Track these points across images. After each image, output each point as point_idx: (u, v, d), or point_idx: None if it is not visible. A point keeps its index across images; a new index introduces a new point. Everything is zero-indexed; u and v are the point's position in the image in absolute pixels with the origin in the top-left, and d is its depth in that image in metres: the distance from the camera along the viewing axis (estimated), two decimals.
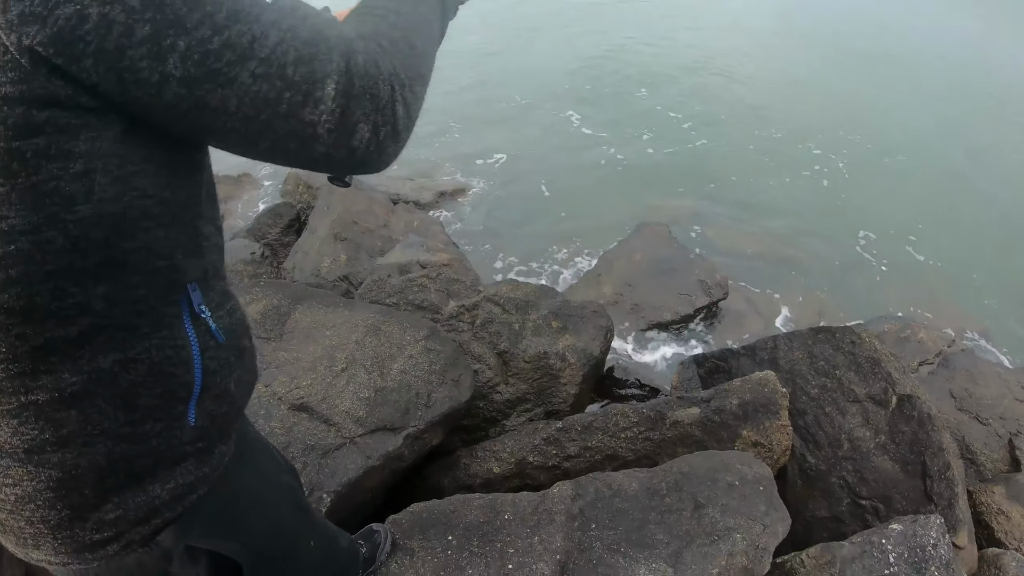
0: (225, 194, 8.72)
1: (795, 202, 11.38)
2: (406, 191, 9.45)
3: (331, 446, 3.93)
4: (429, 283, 5.50)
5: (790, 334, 5.31)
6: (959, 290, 9.49)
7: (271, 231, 7.37)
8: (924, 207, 11.53)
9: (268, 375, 4.23)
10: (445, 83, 16.54)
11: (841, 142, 13.79)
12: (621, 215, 10.33)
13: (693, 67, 17.94)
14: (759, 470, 3.88)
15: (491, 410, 5.25)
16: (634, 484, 3.79)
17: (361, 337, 4.58)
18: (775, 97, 16.15)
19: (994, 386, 5.85)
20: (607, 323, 5.56)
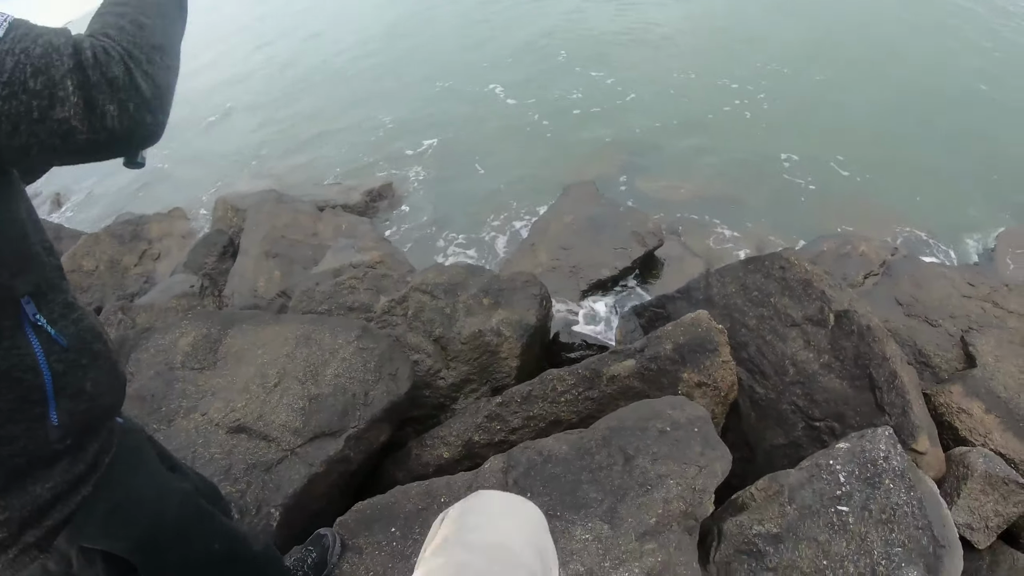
0: (160, 232, 8.46)
1: (719, 139, 11.03)
2: (332, 195, 9.21)
3: (272, 461, 3.79)
4: (358, 284, 5.25)
5: (721, 269, 5.06)
6: (890, 198, 9.18)
7: (207, 261, 7.12)
8: (844, 125, 11.18)
9: (204, 403, 4.05)
10: (362, 75, 16.27)
11: (760, 73, 13.43)
12: (553, 178, 10.09)
13: (609, 23, 17.43)
14: (692, 411, 3.61)
15: (438, 396, 5.02)
16: (564, 447, 3.54)
17: (292, 350, 4.42)
18: (693, 42, 15.68)
19: (940, 287, 5.57)
20: (540, 290, 5.31)
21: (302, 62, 18.63)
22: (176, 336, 4.49)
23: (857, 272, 6.36)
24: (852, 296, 4.67)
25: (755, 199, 9.18)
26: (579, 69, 14.53)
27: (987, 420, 4.55)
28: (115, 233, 8.10)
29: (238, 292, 6.38)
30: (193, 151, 14.44)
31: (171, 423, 3.92)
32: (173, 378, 4.19)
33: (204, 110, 16.86)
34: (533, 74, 14.72)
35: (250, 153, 13.57)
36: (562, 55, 15.47)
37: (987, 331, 5.02)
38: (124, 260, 7.79)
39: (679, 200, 8.92)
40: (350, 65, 17.42)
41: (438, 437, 4.51)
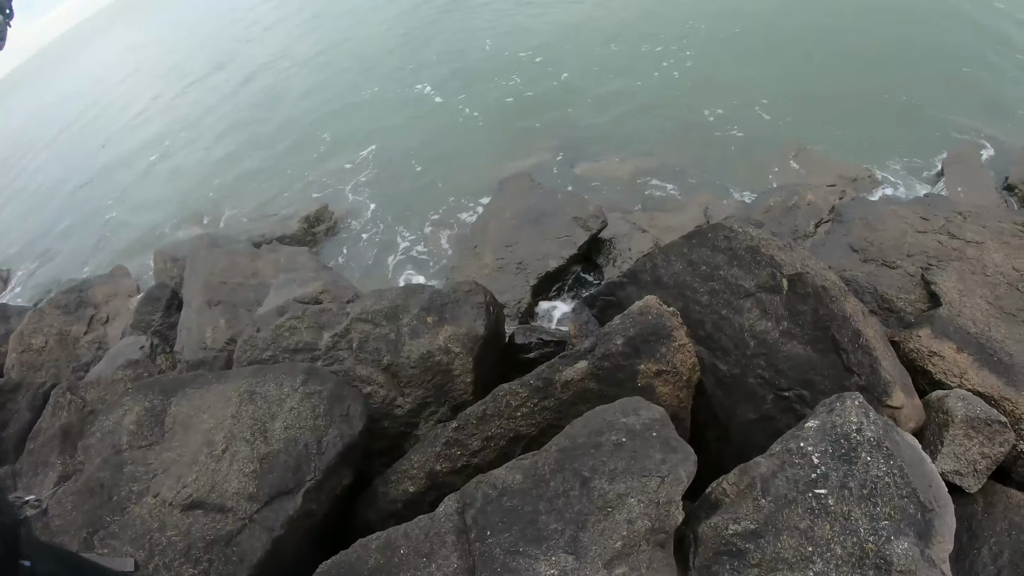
0: (105, 294, 7.98)
1: (650, 106, 10.62)
2: (269, 228, 8.76)
3: (231, 532, 3.51)
4: (298, 323, 4.84)
5: (665, 248, 4.67)
6: (822, 139, 8.77)
7: (153, 318, 6.69)
8: (766, 73, 10.78)
9: (156, 483, 3.73)
10: (289, 96, 15.71)
11: (681, 33, 12.97)
12: (490, 168, 9.70)
13: (527, 6, 16.88)
14: (648, 414, 3.24)
15: (398, 426, 4.66)
16: (518, 476, 3.17)
17: (237, 409, 4.07)
18: (614, 10, 15.16)
19: (893, 226, 5.19)
20: (485, 297, 4.93)
21: (230, 93, 17.98)
22: (120, 415, 4.12)
23: (807, 222, 6.00)
24: (804, 255, 4.28)
25: (694, 162, 8.78)
26: (506, 54, 14.02)
27: (960, 360, 4.20)
28: (60, 304, 7.63)
29: (187, 347, 5.97)
30: (139, 198, 13.90)
31: (124, 511, 3.61)
32: (121, 462, 3.85)
33: (144, 152, 16.28)
34: (459, 68, 14.17)
35: (190, 194, 13.09)
36: (487, 45, 14.92)
37: (947, 265, 4.66)
38: (73, 330, 7.33)
39: (619, 176, 8.49)
40: (277, 88, 16.87)
41: (401, 471, 4.15)
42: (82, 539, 3.53)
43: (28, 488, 3.90)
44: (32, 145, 20.52)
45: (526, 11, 16.24)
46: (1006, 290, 4.48)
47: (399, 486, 4.10)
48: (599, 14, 14.85)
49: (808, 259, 4.27)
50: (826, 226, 5.88)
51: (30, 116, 23.93)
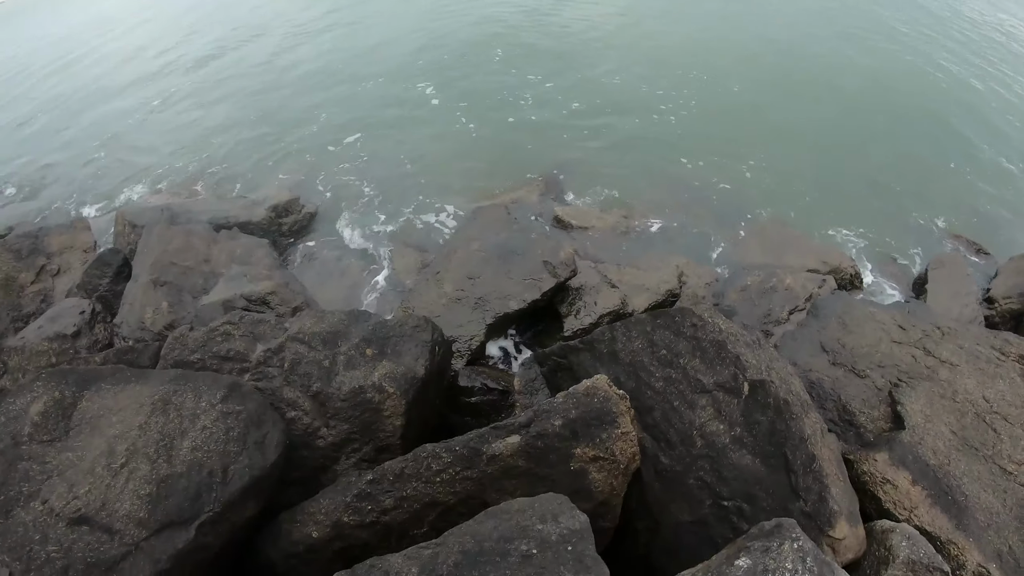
0: (61, 245, 7.36)
1: (646, 152, 10.02)
2: (236, 211, 8.06)
3: (115, 558, 3.13)
4: (233, 330, 4.32)
5: (628, 322, 4.18)
6: (812, 220, 8.27)
7: (101, 282, 6.15)
8: (762, 140, 10.18)
9: (48, 487, 3.31)
10: (293, 74, 15.00)
11: (684, 81, 12.35)
12: (474, 184, 9.23)
13: (551, 25, 16.11)
14: (568, 523, 2.77)
15: (317, 458, 4.16)
16: (414, 569, 2.72)
17: (147, 419, 3.61)
18: (627, 44, 14.49)
19: (869, 331, 4.76)
20: (432, 336, 4.46)
21: (238, 59, 17.16)
22: (28, 401, 3.65)
23: (782, 308, 5.54)
24: (772, 357, 3.83)
25: (677, 217, 8.27)
26: (514, 71, 13.41)
27: (913, 493, 3.77)
28: (12, 247, 7.02)
29: (127, 322, 5.45)
30: (124, 149, 13.17)
31: (9, 514, 3.19)
32: (18, 456, 3.41)
33: (141, 99, 15.50)
34: (465, 75, 13.56)
35: (170, 156, 12.35)
36: (498, 57, 14.31)
37: (917, 385, 4.22)
38: (20, 278, 6.74)
39: (600, 222, 7.91)
40: (282, 60, 16.09)
41: (308, 513, 3.68)
42: None
43: None
44: (27, 75, 19.51)
45: (546, 30, 15.59)
46: (972, 420, 4.05)
47: (304, 528, 3.64)
48: (614, 46, 14.24)
49: (775, 362, 3.82)
50: (800, 315, 5.43)
51: (29, 45, 22.59)
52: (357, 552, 3.53)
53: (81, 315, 5.35)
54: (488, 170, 9.78)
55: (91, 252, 7.11)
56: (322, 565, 3.58)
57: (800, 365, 4.52)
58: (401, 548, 3.26)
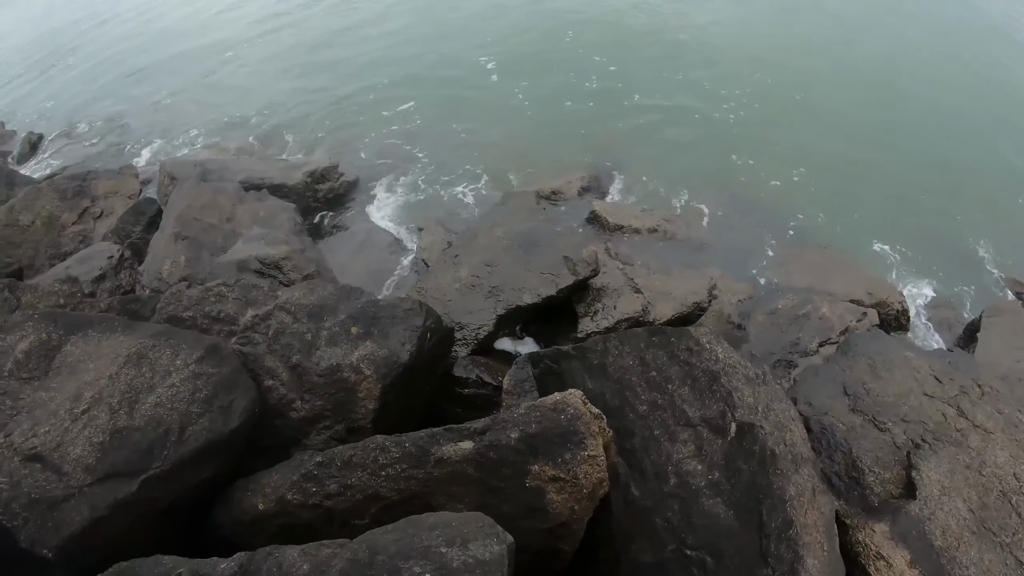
0: (106, 189, 7.47)
1: (699, 155, 9.34)
2: (273, 173, 7.98)
3: (57, 498, 3.13)
4: (227, 292, 4.20)
5: (623, 335, 3.78)
6: (863, 246, 7.45)
7: (134, 229, 6.21)
8: (820, 153, 9.29)
9: (14, 422, 3.34)
10: (357, 38, 14.76)
11: (750, 83, 11.45)
12: (519, 165, 8.92)
13: (619, 14, 15.13)
14: (481, 552, 2.43)
15: (289, 429, 4.00)
16: (305, 566, 2.52)
17: (119, 370, 3.57)
18: (704, 43, 13.44)
19: (900, 378, 4.15)
20: (424, 322, 4.20)
21: (307, 21, 16.98)
22: (16, 339, 3.67)
23: (812, 338, 4.95)
24: (772, 397, 3.35)
25: (721, 232, 7.63)
26: (581, 52, 12.70)
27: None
28: (59, 188, 7.19)
29: (148, 271, 5.48)
30: (186, 98, 13.35)
31: None
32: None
33: (210, 54, 15.59)
34: (530, 53, 13.02)
35: (227, 112, 12.44)
36: (568, 37, 13.62)
37: (941, 449, 3.64)
38: (63, 217, 6.90)
39: (638, 223, 7.33)
40: (351, 27, 15.82)
41: (260, 484, 3.52)
42: None
43: None
44: (97, 18, 19.90)
45: (617, 18, 14.74)
46: (996, 500, 3.46)
47: (252, 499, 3.48)
48: (690, 44, 13.31)
49: (777, 403, 3.35)
50: (830, 348, 4.85)
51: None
52: (300, 531, 3.34)
53: (109, 259, 5.41)
54: (536, 154, 9.40)
55: (134, 199, 7.22)
56: (265, 538, 3.38)
57: (815, 406, 4.00)
58: (342, 535, 3.06)
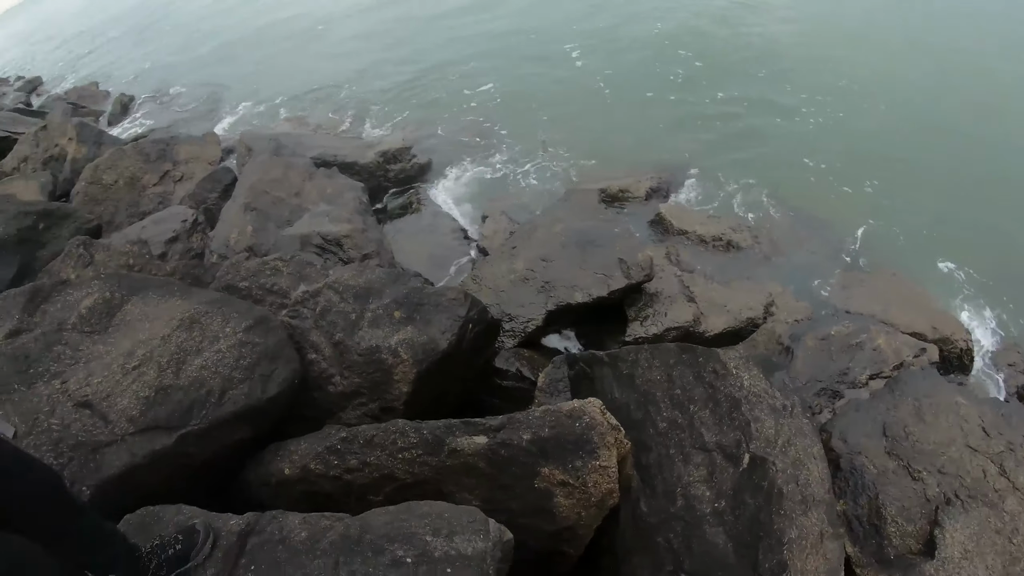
0: (188, 155, 7.87)
1: (771, 167, 8.91)
2: (347, 151, 8.15)
3: (101, 443, 3.35)
4: (283, 266, 4.42)
5: (655, 348, 3.75)
6: (934, 276, 6.95)
7: (209, 196, 6.53)
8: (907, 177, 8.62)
9: (71, 371, 3.59)
10: (446, 19, 14.76)
11: (831, 89, 10.81)
12: (593, 155, 8.85)
13: (712, 9, 14.61)
14: (462, 546, 2.50)
15: (327, 401, 4.19)
16: (303, 534, 2.68)
17: (171, 332, 3.81)
18: (795, 45, 12.82)
19: (945, 425, 3.93)
20: (467, 312, 4.27)
21: (404, 5, 17.11)
22: (83, 295, 3.97)
23: (863, 369, 4.73)
24: (796, 431, 3.26)
25: (788, 247, 7.30)
26: (667, 44, 12.36)
27: None
28: (143, 151, 7.61)
29: (217, 237, 5.77)
30: (276, 72, 13.67)
31: (31, 386, 3.50)
32: (58, 340, 3.72)
33: (303, 28, 15.87)
34: (615, 40, 12.76)
35: (313, 85, 12.69)
36: (656, 29, 13.24)
37: (972, 509, 3.45)
38: (145, 178, 7.31)
39: (704, 230, 7.08)
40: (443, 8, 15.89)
41: (288, 451, 3.70)
42: None
43: None
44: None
45: (710, 12, 14.20)
46: (1022, 572, 3.27)
47: (280, 463, 3.67)
48: (777, 41, 12.61)
49: (800, 438, 3.26)
50: (879, 383, 4.64)
51: None
52: (319, 499, 3.54)
53: (183, 223, 5.74)
54: (611, 146, 9.28)
55: (214, 166, 7.59)
56: (288, 501, 3.62)
57: (849, 444, 3.86)
58: (359, 509, 3.22)
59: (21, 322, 3.80)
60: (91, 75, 16.31)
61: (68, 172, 8.56)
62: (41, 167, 8.85)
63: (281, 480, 3.63)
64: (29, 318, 3.84)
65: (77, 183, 7.77)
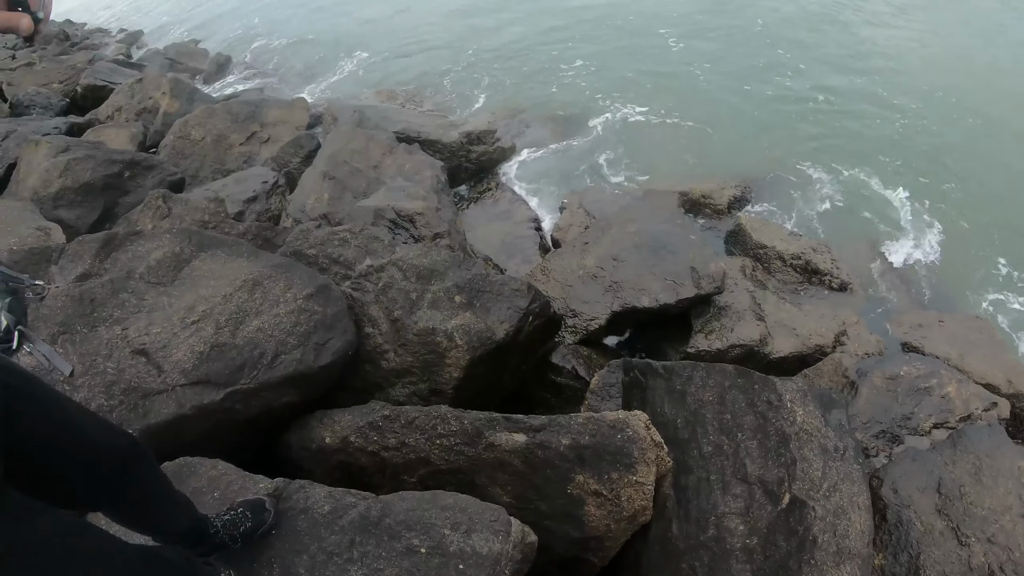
0: (276, 118, 8.04)
1: (867, 181, 8.54)
2: (430, 129, 8.12)
3: (152, 390, 3.49)
4: (351, 238, 4.50)
5: (711, 367, 3.64)
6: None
7: (292, 160, 6.69)
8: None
9: (132, 320, 3.74)
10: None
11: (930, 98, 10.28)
12: (686, 158, 8.67)
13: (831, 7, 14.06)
14: (478, 544, 2.49)
15: (377, 376, 4.25)
16: (326, 507, 2.73)
17: (234, 291, 3.94)
18: (897, 52, 12.23)
19: (1003, 490, 3.67)
20: (527, 304, 4.23)
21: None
22: (153, 247, 4.12)
23: (928, 416, 4.48)
24: (843, 476, 3.12)
25: (870, 276, 6.97)
26: (768, 41, 11.96)
27: None
28: (232, 110, 7.84)
29: (295, 201, 5.91)
30: (381, 36, 13.69)
31: (93, 329, 3.66)
32: (124, 287, 3.88)
33: (413, 21, 15.79)
34: (720, 34, 12.45)
35: (411, 58, 12.76)
36: (758, 24, 12.81)
37: None
38: (232, 137, 7.53)
39: (783, 247, 6.74)
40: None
41: (332, 420, 3.80)
42: (50, 333, 3.61)
43: (62, 270, 4.02)
44: None
45: (821, 10, 13.71)
46: None
47: (322, 432, 3.76)
48: (888, 44, 12.07)
49: (848, 484, 3.12)
50: (943, 433, 4.40)
51: None
52: (355, 471, 3.63)
53: (264, 184, 5.94)
54: (701, 145, 9.08)
55: (301, 131, 7.78)
56: (325, 469, 3.72)
57: (900, 495, 3.68)
58: (391, 487, 3.30)
59: (92, 267, 3.98)
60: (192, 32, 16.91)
61: (159, 125, 8.93)
62: (134, 117, 9.29)
63: (321, 447, 3.72)
64: (100, 264, 4.02)
65: (166, 136, 8.07)
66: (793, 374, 5.10)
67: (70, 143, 6.49)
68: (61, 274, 3.98)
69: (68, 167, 6.03)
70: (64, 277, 3.94)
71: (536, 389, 5.15)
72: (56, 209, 5.91)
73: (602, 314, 5.45)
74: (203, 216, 4.87)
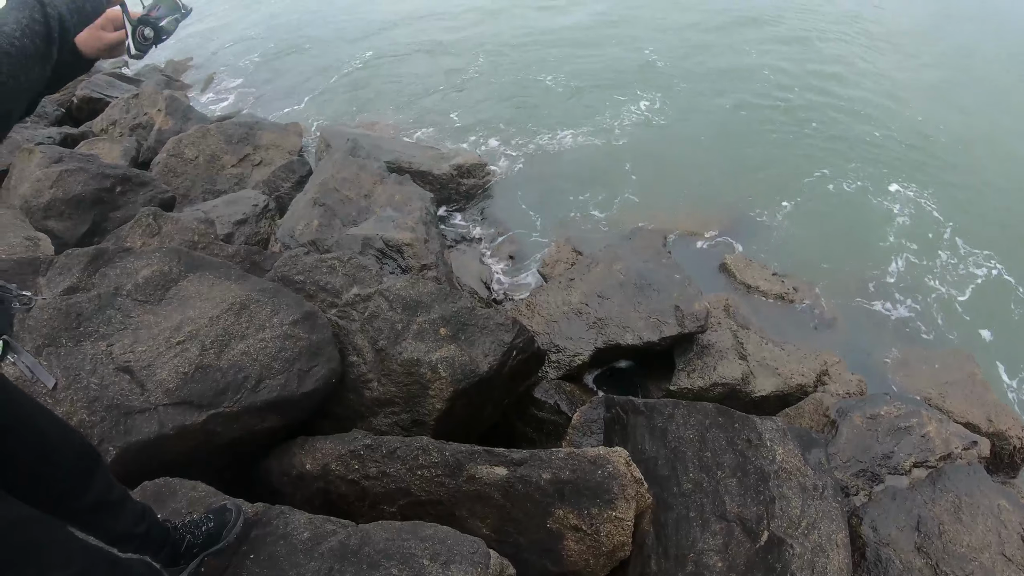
0: (269, 141, 8.13)
1: (852, 232, 8.72)
2: (423, 160, 8.26)
3: (134, 408, 3.50)
4: (339, 266, 4.55)
5: (692, 405, 3.71)
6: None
7: (283, 185, 6.77)
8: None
9: (118, 336, 3.77)
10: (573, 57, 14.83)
11: (935, 143, 10.54)
12: (669, 194, 8.84)
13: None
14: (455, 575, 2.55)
15: (360, 404, 4.28)
16: (306, 534, 2.76)
17: (220, 314, 3.97)
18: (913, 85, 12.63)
19: (982, 528, 3.74)
20: (513, 339, 4.30)
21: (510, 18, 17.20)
22: (143, 264, 4.15)
23: (908, 456, 4.55)
24: (823, 514, 3.19)
25: (854, 317, 7.11)
26: (770, 77, 12.26)
27: None
28: (226, 131, 7.93)
29: (284, 226, 5.96)
30: (378, 72, 13.90)
31: (79, 343, 3.67)
32: (111, 304, 3.89)
33: (409, 34, 16.06)
34: (716, 53, 12.81)
35: (406, 91, 12.89)
36: (752, 55, 13.17)
37: None
38: (225, 158, 7.61)
39: (767, 287, 7.01)
40: (554, 27, 16.01)
41: (314, 447, 3.81)
42: (35, 345, 3.62)
43: (49, 282, 4.04)
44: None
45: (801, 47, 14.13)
46: None
47: (302, 458, 3.78)
48: (899, 91, 12.42)
49: (826, 523, 3.17)
50: (923, 472, 4.47)
51: None
52: (335, 499, 3.64)
53: (254, 207, 6.00)
54: (690, 178, 9.33)
55: (293, 155, 7.87)
56: (305, 496, 3.72)
57: (879, 534, 3.74)
58: (370, 516, 3.32)
59: (80, 281, 3.98)
60: (188, 46, 17.05)
61: (152, 141, 8.96)
62: (128, 132, 9.34)
63: (301, 474, 3.73)
64: (88, 278, 4.02)
65: (159, 154, 8.12)
66: (775, 413, 5.19)
67: (63, 154, 6.53)
68: (48, 286, 3.99)
69: (60, 178, 6.06)
70: (51, 289, 3.96)
71: (518, 423, 5.19)
72: (46, 220, 5.94)
73: (585, 350, 5.51)
74: (192, 236, 4.91)
